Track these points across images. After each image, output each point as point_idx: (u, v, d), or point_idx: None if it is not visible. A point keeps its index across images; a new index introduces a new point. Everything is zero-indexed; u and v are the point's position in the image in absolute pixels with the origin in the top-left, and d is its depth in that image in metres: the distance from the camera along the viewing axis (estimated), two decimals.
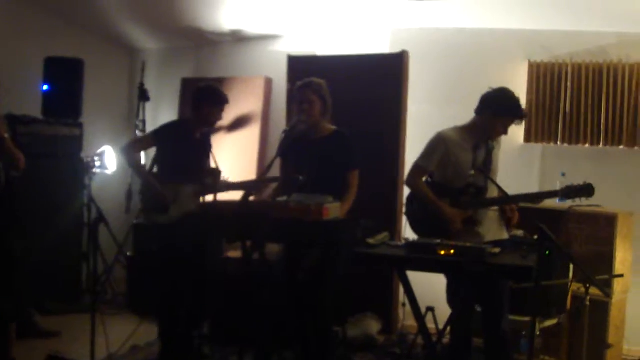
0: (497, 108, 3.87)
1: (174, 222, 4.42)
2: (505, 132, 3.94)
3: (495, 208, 3.87)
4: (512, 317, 4.05)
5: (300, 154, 4.11)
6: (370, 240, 3.68)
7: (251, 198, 3.82)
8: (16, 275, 4.93)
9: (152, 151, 4.74)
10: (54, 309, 5.84)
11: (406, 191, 5.52)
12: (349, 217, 3.84)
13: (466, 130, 4.01)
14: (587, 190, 3.77)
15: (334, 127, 4.21)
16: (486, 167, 3.88)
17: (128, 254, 6.13)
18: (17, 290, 4.96)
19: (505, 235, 3.97)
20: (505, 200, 3.82)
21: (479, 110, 3.96)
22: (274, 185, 4.48)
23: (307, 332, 4.07)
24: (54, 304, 5.89)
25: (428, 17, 5.72)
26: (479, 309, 3.95)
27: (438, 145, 3.99)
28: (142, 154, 6.04)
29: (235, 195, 4.11)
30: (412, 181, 4.09)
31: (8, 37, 6.17)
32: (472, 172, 3.72)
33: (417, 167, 4.07)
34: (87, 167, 6.08)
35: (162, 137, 4.62)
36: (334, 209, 3.59)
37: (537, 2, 5.11)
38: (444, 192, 3.92)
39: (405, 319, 5.43)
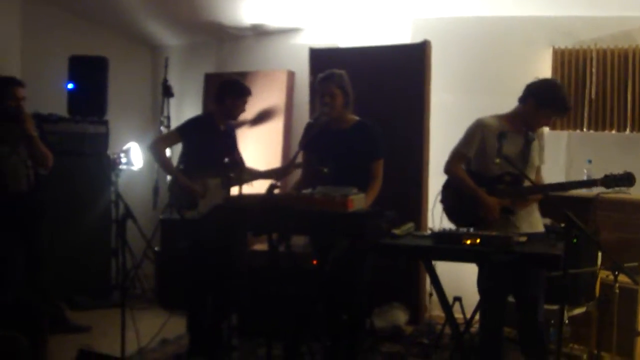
0: (541, 98, 3.77)
1: (206, 215, 4.46)
2: (548, 124, 3.88)
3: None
4: None
5: (323, 145, 4.12)
6: (396, 231, 3.67)
7: (276, 191, 3.83)
8: (46, 272, 5.03)
9: (178, 147, 4.78)
10: (84, 304, 5.93)
11: (432, 181, 5.56)
12: (374, 208, 3.84)
13: (507, 118, 3.93)
14: (627, 179, 3.67)
15: (356, 118, 4.22)
16: (523, 158, 3.80)
17: (156, 249, 6.19)
18: (48, 286, 5.06)
19: (541, 227, 3.90)
20: (542, 189, 3.77)
21: (523, 99, 3.86)
22: (297, 176, 4.50)
23: (335, 323, 4.10)
24: (84, 299, 5.99)
25: (449, 6, 5.70)
26: (511, 299, 3.91)
27: (476, 131, 3.92)
28: (168, 149, 6.13)
29: (261, 188, 4.13)
30: (450, 167, 4.01)
31: (33, 37, 6.25)
32: (497, 160, 3.68)
33: (456, 153, 3.99)
34: (114, 164, 6.16)
35: (188, 132, 4.66)
36: (359, 200, 3.59)
37: None
38: (480, 180, 3.87)
39: (433, 309, 5.44)
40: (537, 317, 3.71)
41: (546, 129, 5.34)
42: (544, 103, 3.77)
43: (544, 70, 5.47)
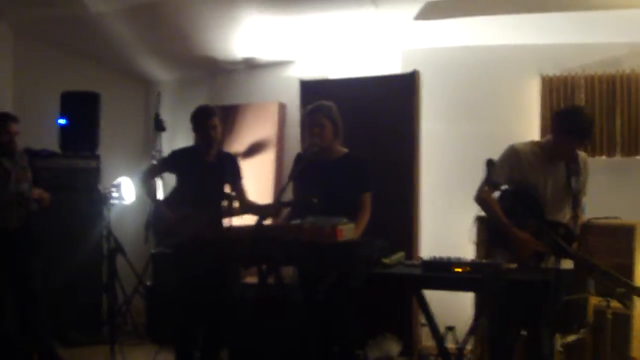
0: (562, 125, 3.74)
1: (182, 244, 4.45)
2: (571, 152, 3.79)
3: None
4: None
5: (313, 177, 4.11)
6: (386, 260, 3.65)
7: (266, 222, 3.82)
8: (37, 307, 4.98)
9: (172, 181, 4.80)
10: (75, 340, 5.87)
11: (423, 210, 5.56)
12: (364, 238, 3.83)
13: (540, 145, 3.89)
14: None
15: (346, 150, 4.22)
16: (565, 188, 3.74)
17: (147, 283, 6.15)
18: (38, 322, 5.02)
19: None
20: (582, 260, 3.59)
21: (551, 129, 3.86)
22: (288, 210, 4.49)
23: (327, 355, 4.06)
24: (75, 335, 5.93)
25: (438, 37, 5.74)
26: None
27: (509, 157, 3.85)
28: (160, 183, 6.14)
29: (251, 220, 4.12)
30: (480, 197, 3.86)
31: (25, 73, 6.30)
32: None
33: (486, 181, 3.73)
34: (105, 199, 6.14)
35: (172, 162, 4.71)
36: (348, 230, 3.58)
37: (546, 16, 5.10)
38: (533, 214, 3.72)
39: (426, 339, 5.40)
40: (543, 351, 3.51)
41: None
42: (563, 130, 3.72)
43: (533, 98, 5.50)
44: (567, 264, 3.66)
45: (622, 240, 4.53)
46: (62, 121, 6.18)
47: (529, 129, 5.41)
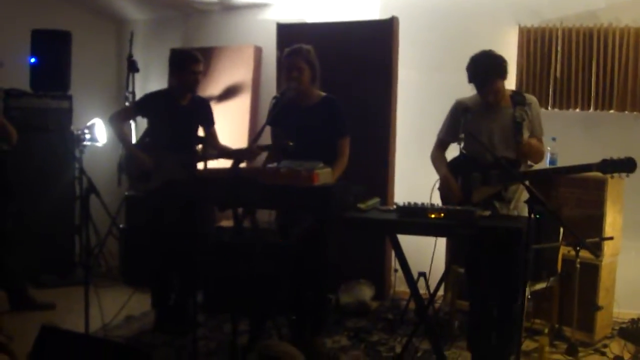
0: (469, 75, 3.83)
1: (157, 189, 4.43)
2: (488, 99, 3.84)
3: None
4: None
5: (290, 120, 4.10)
6: (361, 205, 3.67)
7: (242, 165, 3.81)
8: (12, 251, 4.96)
9: (143, 124, 4.74)
10: (48, 282, 5.86)
11: (399, 156, 5.59)
12: (340, 183, 3.84)
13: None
14: (627, 164, 3.48)
15: (323, 94, 4.20)
16: (513, 133, 3.78)
17: (121, 226, 6.13)
18: (10, 263, 5.00)
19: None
20: (534, 174, 3.74)
21: None
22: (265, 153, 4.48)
23: (301, 297, 4.11)
24: (48, 277, 5.91)
25: None
26: None
27: (450, 112, 3.95)
28: (133, 125, 6.07)
29: (226, 164, 4.10)
30: (431, 155, 4.04)
31: None
32: (462, 135, 3.69)
33: (436, 140, 4.04)
34: (78, 140, 6.07)
35: (145, 106, 4.65)
36: (325, 175, 3.59)
37: None
38: (475, 165, 3.83)
39: (398, 284, 5.49)
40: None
41: None
42: (470, 79, 3.83)
43: (510, 48, 5.49)
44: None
45: (593, 192, 4.59)
46: (32, 60, 6.04)
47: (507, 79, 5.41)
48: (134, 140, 5.45)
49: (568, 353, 4.31)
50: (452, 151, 4.17)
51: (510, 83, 5.38)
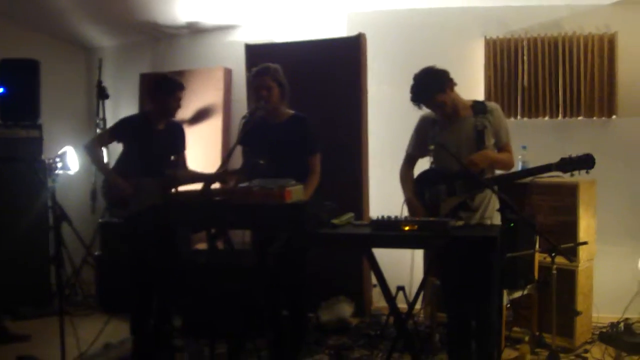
0: (411, 95, 3.83)
1: (137, 214, 4.38)
2: (438, 114, 3.83)
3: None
4: None
5: (260, 139, 4.10)
6: (335, 221, 3.66)
7: (213, 186, 3.79)
8: None
9: (118, 149, 4.70)
10: (25, 313, 5.76)
11: (372, 173, 5.60)
12: (312, 199, 3.83)
13: None
14: (586, 161, 3.52)
15: (292, 112, 4.20)
16: (476, 142, 3.76)
17: (96, 253, 6.06)
18: None
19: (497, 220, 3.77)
20: (497, 180, 3.73)
21: None
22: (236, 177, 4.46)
23: (277, 318, 4.08)
24: (25, 308, 5.82)
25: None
26: None
27: (417, 127, 3.95)
28: (105, 151, 6.01)
29: (198, 186, 4.08)
30: (400, 171, 4.03)
31: None
32: (431, 146, 3.70)
33: (405, 157, 4.02)
34: (49, 169, 6.00)
35: (121, 131, 4.59)
36: (297, 192, 3.57)
37: None
38: (440, 177, 3.82)
39: (378, 300, 5.47)
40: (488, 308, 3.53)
41: None
42: (412, 99, 3.83)
43: (477, 60, 5.56)
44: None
45: (566, 198, 4.63)
46: (1, 90, 5.99)
47: (474, 90, 5.47)
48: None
49: None
50: (422, 165, 4.18)
51: (479, 94, 5.45)
